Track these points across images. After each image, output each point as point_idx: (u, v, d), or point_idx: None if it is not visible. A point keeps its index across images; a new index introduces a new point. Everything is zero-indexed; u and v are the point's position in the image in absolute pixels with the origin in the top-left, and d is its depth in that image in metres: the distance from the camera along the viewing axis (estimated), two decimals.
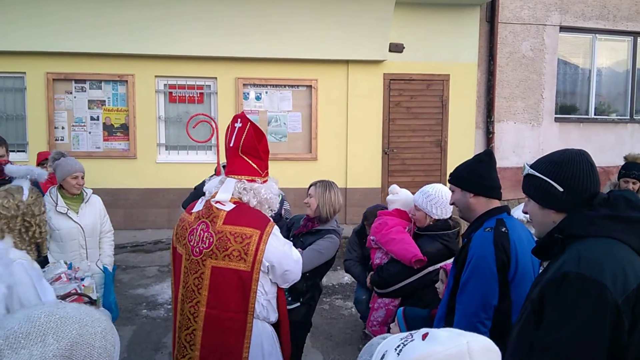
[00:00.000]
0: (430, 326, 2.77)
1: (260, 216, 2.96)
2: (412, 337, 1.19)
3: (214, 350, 2.89)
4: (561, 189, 1.93)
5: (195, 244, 2.90)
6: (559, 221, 1.93)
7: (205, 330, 2.88)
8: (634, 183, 5.32)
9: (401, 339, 1.20)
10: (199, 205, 3.04)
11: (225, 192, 2.94)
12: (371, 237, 4.37)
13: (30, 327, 1.06)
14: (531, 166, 2.05)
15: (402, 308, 3.02)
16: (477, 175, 2.78)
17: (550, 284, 1.78)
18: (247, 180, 2.97)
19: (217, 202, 2.93)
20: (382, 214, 4.37)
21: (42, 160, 5.76)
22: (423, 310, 3.13)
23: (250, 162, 2.98)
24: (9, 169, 3.04)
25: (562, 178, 1.93)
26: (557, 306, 1.73)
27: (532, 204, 2.04)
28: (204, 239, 2.89)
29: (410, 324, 2.82)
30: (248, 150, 2.96)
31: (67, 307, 1.14)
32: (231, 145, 2.98)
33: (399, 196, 4.44)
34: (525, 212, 2.12)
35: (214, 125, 4.09)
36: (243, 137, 2.94)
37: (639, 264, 1.76)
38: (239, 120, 3.01)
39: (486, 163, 2.80)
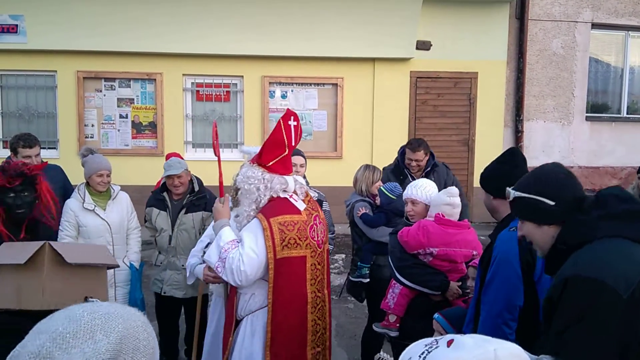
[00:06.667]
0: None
1: None
2: (437, 343, 1.16)
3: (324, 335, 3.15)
4: (552, 203, 1.94)
5: (318, 238, 3.07)
6: (558, 234, 1.95)
7: (330, 324, 3.18)
8: None
9: (425, 345, 1.17)
10: (300, 204, 3.07)
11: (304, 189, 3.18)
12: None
13: (76, 327, 1.06)
14: (515, 189, 2.07)
15: (437, 315, 2.99)
16: (496, 176, 2.73)
17: (553, 290, 1.82)
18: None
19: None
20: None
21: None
22: (463, 309, 3.08)
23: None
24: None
25: (549, 191, 1.96)
26: (562, 310, 1.76)
27: (527, 225, 2.04)
28: (321, 229, 3.10)
29: (456, 324, 2.80)
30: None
31: (104, 304, 1.15)
32: (293, 144, 3.07)
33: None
34: (522, 237, 2.11)
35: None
36: (298, 136, 3.10)
37: None
38: (292, 118, 3.07)
39: (507, 164, 2.74)
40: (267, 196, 2.97)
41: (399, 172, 5.33)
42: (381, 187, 4.59)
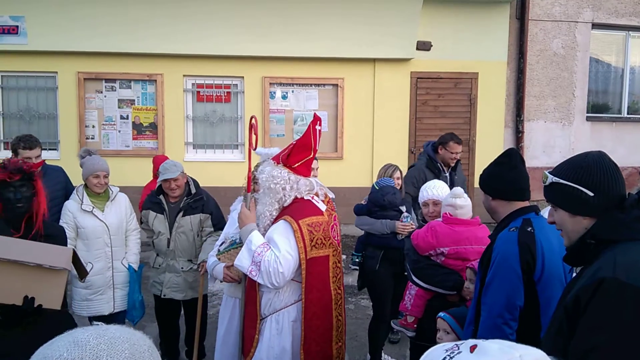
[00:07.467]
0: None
1: None
2: (458, 348, 1.11)
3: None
4: (591, 194, 1.86)
5: (338, 237, 3.18)
6: (591, 226, 1.87)
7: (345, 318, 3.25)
8: None
9: (446, 350, 1.11)
10: (322, 205, 3.17)
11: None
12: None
13: (82, 352, 1.03)
14: (554, 174, 1.96)
15: (444, 314, 2.99)
16: (494, 178, 2.74)
17: (586, 290, 1.72)
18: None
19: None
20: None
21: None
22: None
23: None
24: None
25: (591, 182, 1.86)
26: (595, 312, 1.68)
27: (560, 212, 1.95)
28: (338, 229, 3.22)
29: (463, 324, 2.81)
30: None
31: (110, 328, 1.14)
32: (317, 148, 3.14)
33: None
34: (552, 223, 2.01)
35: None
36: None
37: None
38: (318, 122, 3.13)
39: (505, 165, 2.73)
40: (292, 197, 3.06)
41: (434, 166, 5.56)
42: (375, 182, 4.90)
